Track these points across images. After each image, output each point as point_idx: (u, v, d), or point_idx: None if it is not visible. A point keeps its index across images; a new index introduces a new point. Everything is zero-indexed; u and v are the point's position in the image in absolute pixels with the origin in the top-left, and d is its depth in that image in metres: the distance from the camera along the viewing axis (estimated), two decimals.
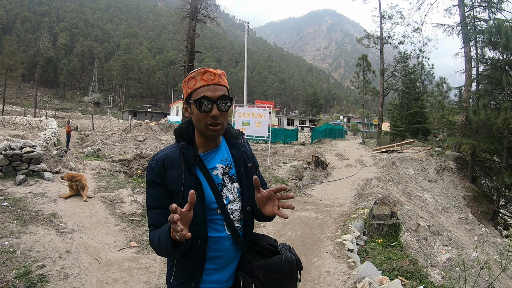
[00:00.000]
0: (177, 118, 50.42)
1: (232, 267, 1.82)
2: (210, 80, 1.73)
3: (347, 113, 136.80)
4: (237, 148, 1.91)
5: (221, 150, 1.89)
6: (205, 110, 1.70)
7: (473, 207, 15.01)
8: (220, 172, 1.82)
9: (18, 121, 36.38)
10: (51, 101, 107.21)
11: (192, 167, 1.75)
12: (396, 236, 7.26)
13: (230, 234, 1.78)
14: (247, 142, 2.04)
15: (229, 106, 1.76)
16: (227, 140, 1.94)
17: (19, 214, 6.51)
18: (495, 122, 14.51)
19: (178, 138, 1.87)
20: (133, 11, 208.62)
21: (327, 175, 16.11)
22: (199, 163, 1.79)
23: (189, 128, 1.88)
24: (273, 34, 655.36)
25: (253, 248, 1.88)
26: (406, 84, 35.86)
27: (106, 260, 5.30)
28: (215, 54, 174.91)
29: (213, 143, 1.85)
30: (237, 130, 2.00)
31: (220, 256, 1.77)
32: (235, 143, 1.93)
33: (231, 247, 1.79)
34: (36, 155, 9.42)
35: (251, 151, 2.02)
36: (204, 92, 1.70)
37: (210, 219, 1.75)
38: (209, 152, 1.84)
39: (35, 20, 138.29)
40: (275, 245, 1.90)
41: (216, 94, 1.71)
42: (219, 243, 1.76)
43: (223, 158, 1.86)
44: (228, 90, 1.81)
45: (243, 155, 1.92)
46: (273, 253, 1.85)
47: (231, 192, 1.84)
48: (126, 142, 20.67)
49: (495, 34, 15.64)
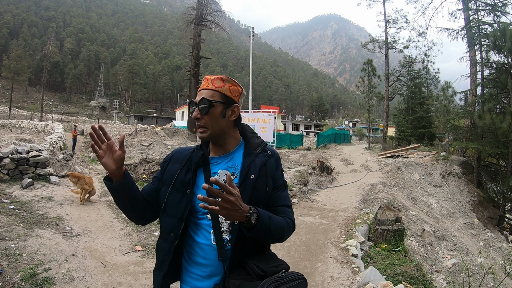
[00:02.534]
0: (182, 123, 50.44)
1: (217, 279, 1.74)
2: (203, 86, 1.80)
3: (353, 118, 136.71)
4: (249, 158, 1.85)
5: (234, 157, 1.87)
6: (191, 112, 1.80)
7: (479, 212, 14.93)
8: (221, 178, 1.76)
9: (24, 125, 36.53)
10: (57, 105, 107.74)
11: (193, 167, 1.81)
12: (401, 242, 7.24)
13: (215, 244, 1.72)
14: (272, 155, 1.93)
15: (204, 108, 1.75)
16: (245, 148, 1.91)
17: (26, 217, 6.56)
18: (501, 127, 14.45)
19: (201, 141, 1.96)
20: (139, 17, 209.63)
21: (332, 180, 16.08)
22: (205, 165, 1.82)
23: None
24: (279, 39, 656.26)
25: (245, 266, 1.72)
26: (412, 88, 35.75)
27: (111, 264, 5.33)
28: (220, 59, 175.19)
29: (221, 149, 1.86)
30: (258, 140, 1.94)
31: (205, 264, 1.74)
32: (249, 153, 1.87)
33: (216, 258, 1.72)
34: (43, 159, 9.50)
35: (276, 166, 1.93)
36: (195, 97, 1.81)
37: (199, 223, 1.77)
38: (217, 157, 1.85)
39: (42, 25, 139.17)
40: (265, 270, 1.66)
41: (198, 98, 1.78)
42: (205, 251, 1.74)
43: (230, 166, 1.83)
44: (221, 93, 1.78)
45: (250, 165, 1.82)
46: (260, 277, 1.64)
47: None
48: (131, 146, 20.74)
49: (499, 37, 15.60)
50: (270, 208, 1.81)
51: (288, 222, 1.81)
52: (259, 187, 1.79)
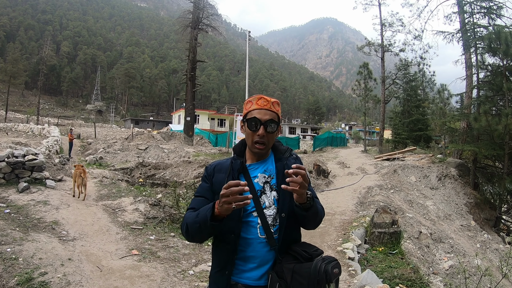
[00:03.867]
0: (179, 127, 50.32)
1: (266, 267, 1.98)
2: (263, 105, 2.04)
3: (349, 121, 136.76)
4: (281, 162, 2.14)
5: (267, 163, 2.16)
6: (253, 129, 2.02)
7: (475, 214, 14.97)
8: (261, 180, 2.08)
9: (20, 129, 36.47)
10: (53, 108, 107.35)
11: (236, 173, 2.07)
12: (398, 244, 7.25)
13: (264, 236, 1.97)
14: (297, 158, 2.23)
15: (275, 128, 2.05)
16: (275, 154, 2.19)
17: (22, 221, 6.54)
18: (497, 128, 14.50)
19: (234, 153, 2.22)
20: (136, 20, 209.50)
21: (329, 183, 16.08)
22: (244, 171, 2.09)
23: (242, 145, 2.19)
24: (275, 42, 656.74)
25: (290, 253, 2.02)
26: (408, 91, 35.84)
27: (107, 268, 5.32)
28: (217, 63, 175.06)
29: (259, 158, 2.14)
30: (285, 147, 2.24)
31: (253, 256, 1.98)
32: (280, 158, 2.17)
33: (265, 249, 1.98)
34: (39, 163, 9.48)
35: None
36: (256, 114, 2.02)
37: (246, 220, 1.99)
38: (254, 163, 2.14)
39: (39, 28, 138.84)
40: (310, 253, 2.00)
41: (265, 117, 2.02)
42: (253, 245, 1.98)
43: (266, 170, 2.13)
44: (279, 117, 2.11)
45: (284, 167, 2.06)
46: (307, 259, 1.97)
47: (268, 198, 2.05)
48: (128, 150, 20.71)
49: (495, 40, 15.67)
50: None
51: (322, 207, 2.19)
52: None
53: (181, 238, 7.15)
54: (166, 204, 9.11)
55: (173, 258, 6.12)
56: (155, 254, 6.17)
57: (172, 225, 8.00)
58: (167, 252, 6.35)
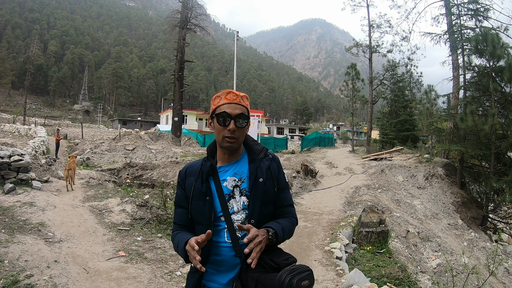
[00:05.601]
0: (167, 127, 50.12)
1: (234, 273, 1.95)
2: (232, 100, 1.99)
3: (337, 121, 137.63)
4: (254, 163, 2.07)
5: (239, 164, 2.09)
6: (223, 124, 1.96)
7: (462, 213, 15.10)
8: (230, 184, 2.02)
9: (7, 129, 36.11)
10: (40, 108, 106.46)
11: (205, 176, 2.01)
12: (385, 243, 7.29)
13: (230, 241, 1.93)
14: (273, 158, 2.16)
15: (245, 123, 2.01)
16: (249, 155, 2.12)
17: (7, 223, 6.46)
18: (483, 128, 14.62)
19: (207, 153, 2.17)
20: (124, 19, 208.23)
21: (317, 183, 16.12)
22: (213, 174, 2.03)
23: (214, 145, 2.13)
24: (263, 43, 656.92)
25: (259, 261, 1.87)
26: (395, 92, 36.15)
27: (94, 270, 5.28)
28: (205, 63, 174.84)
29: (232, 157, 2.08)
30: (260, 147, 2.16)
31: (222, 260, 1.96)
32: (254, 159, 2.09)
33: (231, 254, 1.93)
34: (25, 164, 9.39)
35: (278, 168, 2.15)
36: (226, 109, 1.97)
37: (216, 224, 1.97)
38: (225, 165, 2.07)
39: (26, 27, 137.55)
40: (278, 262, 1.88)
41: (235, 111, 1.96)
42: (219, 248, 1.95)
43: (237, 172, 2.05)
44: (248, 111, 2.07)
45: (257, 170, 2.04)
46: (274, 269, 1.86)
47: (237, 203, 2.00)
48: (115, 151, 20.55)
49: (481, 42, 15.81)
50: (278, 209, 2.12)
51: (293, 222, 2.14)
52: (268, 189, 2.04)
53: (168, 239, 7.11)
54: (153, 205, 9.06)
55: (160, 259, 6.09)
56: (142, 255, 6.13)
57: (159, 226, 7.95)
58: (154, 253, 6.31)
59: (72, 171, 10.39)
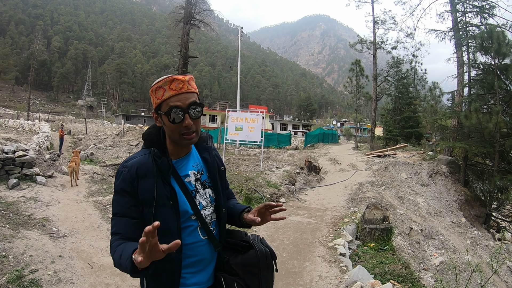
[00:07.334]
0: None
1: (211, 267, 1.84)
2: (179, 89, 1.66)
3: (341, 117, 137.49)
4: (209, 152, 1.91)
5: (192, 156, 1.87)
6: (177, 121, 1.65)
7: (466, 211, 15.06)
8: (192, 179, 1.81)
9: (11, 124, 36.21)
10: (44, 104, 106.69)
11: (166, 177, 1.71)
12: (389, 240, 7.28)
13: (206, 237, 1.79)
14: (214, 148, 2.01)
15: (200, 112, 1.71)
16: (196, 144, 1.91)
17: (12, 218, 6.49)
18: (487, 126, 14.57)
19: (148, 144, 1.81)
20: (128, 15, 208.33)
21: (320, 179, 16.11)
22: (173, 172, 1.75)
23: (159, 133, 1.82)
24: (267, 39, 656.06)
25: (228, 246, 1.91)
26: (399, 89, 35.99)
27: (98, 265, 5.29)
28: (209, 59, 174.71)
29: (185, 150, 1.83)
30: (205, 134, 1.97)
31: (198, 260, 1.77)
32: (205, 147, 1.92)
33: (208, 250, 1.80)
34: (29, 159, 9.41)
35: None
36: (174, 102, 1.65)
37: (185, 226, 1.74)
38: (181, 159, 1.81)
39: (29, 23, 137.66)
40: (247, 240, 1.92)
41: (186, 102, 1.66)
42: (195, 249, 1.76)
43: (194, 164, 1.85)
44: (198, 95, 1.75)
45: (215, 158, 1.93)
46: (247, 248, 1.89)
47: (204, 198, 1.83)
48: (119, 146, 20.60)
49: (487, 39, 15.73)
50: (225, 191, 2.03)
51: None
52: (224, 174, 2.02)
53: None
54: None
55: None
56: None
57: None
58: None
59: (76, 166, 10.45)
